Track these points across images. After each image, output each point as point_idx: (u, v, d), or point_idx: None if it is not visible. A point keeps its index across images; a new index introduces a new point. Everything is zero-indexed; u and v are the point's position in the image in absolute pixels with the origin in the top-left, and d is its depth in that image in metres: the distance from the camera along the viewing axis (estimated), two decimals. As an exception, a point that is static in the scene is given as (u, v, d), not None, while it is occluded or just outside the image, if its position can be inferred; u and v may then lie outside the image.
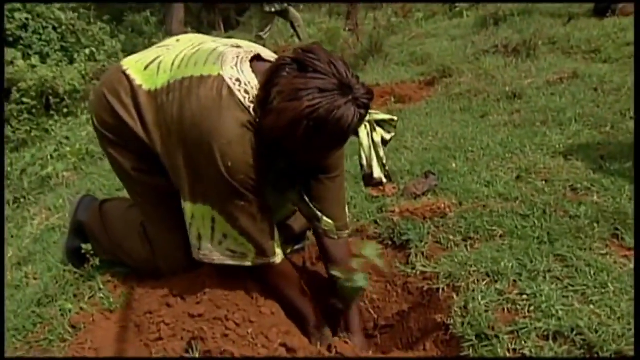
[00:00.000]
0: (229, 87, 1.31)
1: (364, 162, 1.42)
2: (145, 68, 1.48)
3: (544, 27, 4.68)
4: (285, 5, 7.44)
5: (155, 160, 1.50)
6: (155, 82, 1.44)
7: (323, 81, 1.20)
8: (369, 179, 1.44)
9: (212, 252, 1.44)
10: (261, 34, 7.68)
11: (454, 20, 7.00)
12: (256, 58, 1.43)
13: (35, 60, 6.03)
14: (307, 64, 1.22)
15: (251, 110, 1.31)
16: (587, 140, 2.45)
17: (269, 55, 1.49)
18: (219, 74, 1.33)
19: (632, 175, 2.00)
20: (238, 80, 1.32)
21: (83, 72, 6.17)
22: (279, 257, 1.49)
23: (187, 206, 1.42)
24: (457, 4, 7.56)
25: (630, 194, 1.86)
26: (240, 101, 1.30)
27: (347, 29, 7.46)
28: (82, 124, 5.16)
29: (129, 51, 7.56)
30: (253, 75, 1.35)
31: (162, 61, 1.48)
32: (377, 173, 1.41)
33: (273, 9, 7.43)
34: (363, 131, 1.40)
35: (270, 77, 1.26)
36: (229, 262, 1.45)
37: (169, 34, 8.38)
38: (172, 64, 1.44)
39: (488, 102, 3.42)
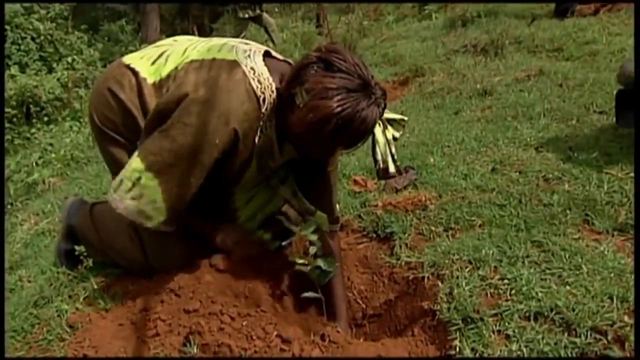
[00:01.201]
0: (243, 72, 1.33)
1: (379, 157, 1.48)
2: (153, 63, 1.49)
3: (509, 28, 4.83)
4: (258, 11, 7.41)
5: None
6: (161, 73, 1.45)
7: (350, 81, 1.25)
8: (384, 173, 1.51)
9: (122, 201, 1.43)
10: None
11: (423, 22, 7.11)
12: (266, 54, 1.46)
13: (14, 70, 6.01)
14: (334, 63, 1.27)
15: (261, 100, 1.34)
16: (556, 133, 2.56)
17: (275, 53, 1.52)
18: (234, 60, 1.36)
19: (599, 164, 2.11)
20: (252, 69, 1.35)
21: (63, 81, 6.15)
22: (172, 227, 1.50)
23: (135, 154, 1.42)
24: (425, 7, 7.69)
25: (598, 181, 1.96)
26: (253, 89, 1.33)
27: (322, 33, 7.49)
28: (65, 131, 5.16)
29: (107, 59, 7.55)
30: (265, 69, 1.38)
31: (170, 54, 1.49)
32: (392, 168, 1.50)
33: (247, 15, 7.40)
34: (378, 129, 1.46)
35: (296, 74, 1.30)
36: (132, 217, 1.45)
37: (145, 41, 8.37)
38: (183, 54, 1.45)
39: (460, 99, 3.52)
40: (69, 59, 6.61)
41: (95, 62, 7.18)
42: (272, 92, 1.37)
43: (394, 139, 1.51)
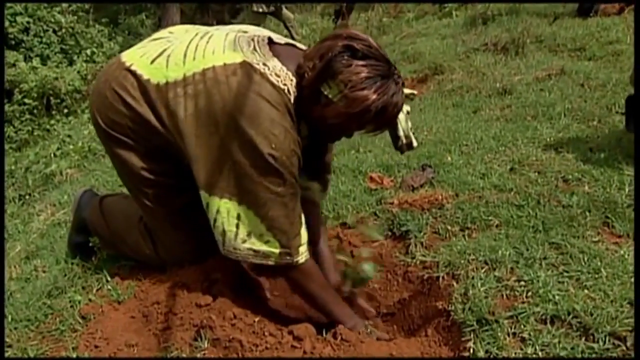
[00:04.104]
0: (260, 71, 1.31)
1: (401, 133, 1.48)
2: (152, 62, 1.46)
3: (531, 26, 4.77)
4: (272, 7, 7.40)
5: (166, 158, 1.49)
6: (165, 75, 1.41)
7: (378, 67, 1.27)
8: (408, 147, 1.53)
9: (235, 250, 1.39)
10: None
11: (443, 19, 7.06)
12: (270, 42, 1.43)
13: (36, 62, 6.09)
14: (360, 49, 1.27)
15: (286, 91, 1.32)
16: (576, 133, 2.52)
17: (278, 37, 1.49)
18: (243, 61, 1.33)
19: (620, 166, 2.06)
20: (265, 64, 1.33)
21: (83, 73, 6.23)
22: (302, 256, 1.42)
23: (212, 201, 1.36)
24: (446, 4, 7.62)
25: (619, 183, 1.92)
26: (274, 83, 1.31)
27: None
28: (83, 123, 5.21)
29: (127, 52, 7.59)
30: (276, 59, 1.36)
31: (170, 54, 1.45)
32: (415, 141, 1.52)
33: (261, 9, 7.41)
34: None
35: (325, 66, 1.27)
36: (251, 260, 1.40)
37: (166, 36, 8.40)
38: (185, 55, 1.41)
39: (480, 98, 3.48)
40: (89, 52, 6.69)
41: (116, 55, 7.26)
42: (291, 80, 1.35)
43: (407, 112, 1.51)
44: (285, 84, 1.32)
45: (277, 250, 1.38)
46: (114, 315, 1.53)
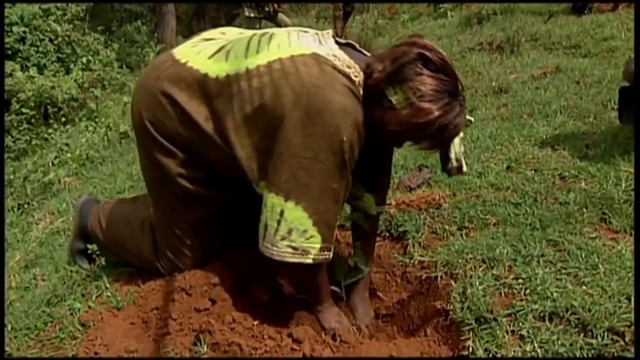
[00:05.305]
0: (331, 63, 1.29)
1: (453, 155, 1.46)
2: (210, 57, 1.42)
3: (525, 25, 4.78)
4: (264, 13, 7.34)
5: (204, 167, 1.48)
6: (226, 69, 1.37)
7: (448, 83, 1.26)
8: (457, 171, 1.51)
9: (272, 247, 1.36)
10: None
11: (438, 20, 7.08)
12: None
13: (33, 71, 6.06)
14: (433, 61, 1.25)
15: (357, 83, 1.30)
16: (572, 130, 2.53)
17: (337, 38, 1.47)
18: (313, 52, 1.31)
19: (617, 161, 2.07)
20: (335, 56, 1.31)
21: (79, 82, 6.21)
22: (331, 253, 1.42)
23: (264, 192, 1.35)
24: (441, 5, 7.64)
25: (615, 179, 1.93)
26: (347, 74, 1.29)
27: (337, 33, 7.46)
28: (81, 131, 5.18)
29: (124, 60, 7.57)
30: (342, 52, 1.34)
31: (231, 49, 1.41)
32: (465, 166, 1.50)
33: (252, 14, 7.37)
34: None
35: (397, 70, 1.26)
36: (287, 259, 1.36)
37: (161, 42, 8.38)
38: (247, 49, 1.37)
39: (476, 97, 3.49)
40: (85, 60, 6.68)
41: (112, 63, 7.25)
42: (360, 74, 1.33)
43: (462, 137, 1.50)
44: (356, 76, 1.31)
45: (318, 245, 1.36)
46: (114, 321, 1.53)
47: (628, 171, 1.98)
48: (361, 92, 1.32)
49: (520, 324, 1.29)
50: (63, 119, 5.78)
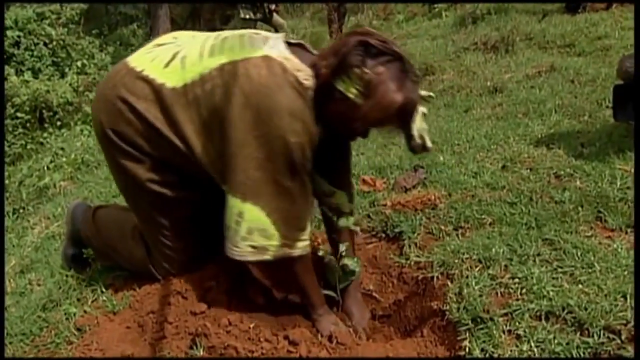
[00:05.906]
0: (281, 64, 1.30)
1: (415, 132, 1.44)
2: (166, 66, 1.42)
3: (520, 24, 4.80)
4: (260, 14, 7.33)
5: (172, 170, 1.48)
6: (183, 78, 1.38)
7: (394, 64, 1.27)
8: (422, 148, 1.48)
9: (234, 247, 1.38)
10: None
11: (433, 20, 7.10)
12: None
13: (27, 75, 6.07)
14: (374, 45, 1.25)
15: (306, 86, 1.31)
16: (567, 129, 2.53)
17: (289, 39, 1.47)
18: (265, 55, 1.32)
19: (612, 160, 2.07)
20: (286, 58, 1.32)
21: (74, 85, 6.20)
22: (300, 249, 1.42)
23: (227, 195, 1.37)
24: (435, 5, 7.65)
25: (610, 177, 1.93)
26: (297, 78, 1.30)
27: (332, 34, 7.47)
28: (76, 135, 5.18)
29: (119, 63, 7.57)
30: (293, 56, 1.34)
31: (186, 56, 1.41)
32: (429, 142, 1.47)
33: (248, 16, 7.36)
34: None
35: (341, 63, 1.26)
36: (248, 258, 1.39)
37: (157, 45, 8.37)
38: (201, 55, 1.38)
39: (471, 97, 3.50)
40: (80, 64, 6.67)
41: (107, 66, 7.23)
42: (310, 75, 1.33)
43: (423, 114, 1.50)
44: (306, 79, 1.31)
45: (276, 242, 1.37)
46: (110, 326, 1.53)
47: (623, 169, 1.98)
48: (310, 94, 1.32)
49: (517, 323, 1.29)
50: (58, 123, 5.76)
